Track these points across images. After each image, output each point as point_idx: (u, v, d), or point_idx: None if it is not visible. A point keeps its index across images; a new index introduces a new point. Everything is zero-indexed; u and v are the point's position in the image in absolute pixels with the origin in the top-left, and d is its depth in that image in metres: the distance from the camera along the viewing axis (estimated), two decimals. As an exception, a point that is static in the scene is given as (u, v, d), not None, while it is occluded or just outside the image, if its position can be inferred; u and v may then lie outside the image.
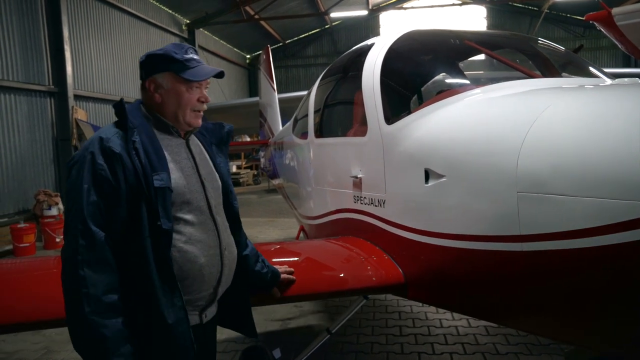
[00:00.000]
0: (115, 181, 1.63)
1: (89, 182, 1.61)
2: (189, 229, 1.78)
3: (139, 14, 14.67)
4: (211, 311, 1.93)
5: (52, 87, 10.79)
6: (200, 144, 2.01)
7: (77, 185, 1.61)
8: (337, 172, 3.42)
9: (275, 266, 2.35)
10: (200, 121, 1.90)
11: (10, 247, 8.64)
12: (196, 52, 1.89)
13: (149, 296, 1.65)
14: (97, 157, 1.63)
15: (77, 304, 1.54)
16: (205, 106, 1.90)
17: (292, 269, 2.47)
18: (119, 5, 13.64)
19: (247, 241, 2.21)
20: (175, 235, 1.72)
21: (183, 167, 1.83)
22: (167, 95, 1.82)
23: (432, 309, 4.88)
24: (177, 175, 1.77)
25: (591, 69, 3.16)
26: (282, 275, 2.37)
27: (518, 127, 1.92)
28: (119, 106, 1.75)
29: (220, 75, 1.91)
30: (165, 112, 1.84)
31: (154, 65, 1.82)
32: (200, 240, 1.80)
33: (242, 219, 2.15)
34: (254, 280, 2.22)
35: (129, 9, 14.12)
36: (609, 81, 2.84)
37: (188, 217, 1.78)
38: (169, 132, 1.86)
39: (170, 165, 1.76)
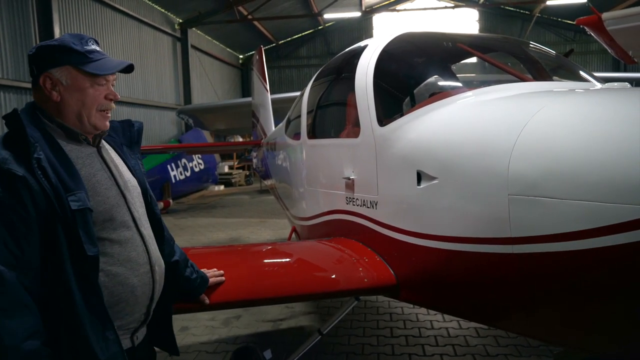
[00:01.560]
0: (21, 209, 1.40)
1: None
2: (115, 248, 1.60)
3: (131, 13, 14.57)
4: (142, 332, 1.78)
5: (43, 85, 10.69)
6: (110, 149, 1.80)
7: None
8: (330, 173, 3.43)
9: (203, 270, 2.22)
10: (108, 123, 1.67)
11: None
12: (98, 43, 1.67)
13: (77, 333, 1.46)
14: None
15: None
16: (113, 105, 1.67)
17: (222, 272, 2.35)
18: (111, 3, 13.54)
19: (176, 246, 2.04)
20: (101, 258, 1.53)
21: (100, 180, 1.62)
22: (67, 93, 1.57)
23: (423, 310, 4.90)
24: (94, 192, 1.57)
25: (581, 73, 3.19)
26: (211, 280, 2.24)
27: (510, 130, 1.94)
28: (14, 118, 1.48)
29: (129, 69, 1.68)
30: (66, 114, 1.59)
31: (48, 58, 1.56)
32: (129, 259, 1.63)
33: (234, 220, 2.11)
34: (184, 287, 2.07)
35: (121, 7, 14.02)
36: (599, 85, 2.87)
37: (113, 235, 1.60)
38: (77, 140, 1.62)
39: (86, 182, 1.55)
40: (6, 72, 9.72)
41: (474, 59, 3.47)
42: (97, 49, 1.63)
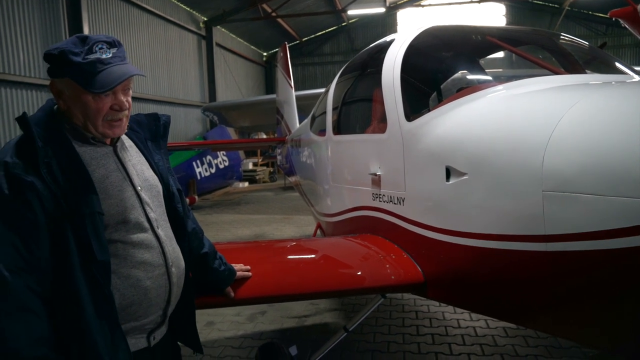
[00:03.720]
0: (30, 213, 1.38)
1: None
2: (129, 250, 1.57)
3: (157, 12, 14.77)
4: (160, 332, 1.75)
5: (73, 83, 10.93)
6: (132, 145, 1.76)
7: None
8: (356, 169, 3.40)
9: (232, 264, 2.22)
10: (119, 130, 1.60)
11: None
12: (109, 45, 1.54)
13: (85, 340, 1.42)
14: (2, 187, 1.36)
15: None
16: (123, 113, 1.58)
17: (248, 267, 2.34)
18: (138, 2, 13.76)
19: (205, 238, 2.03)
20: (113, 260, 1.51)
21: (113, 182, 1.58)
22: (71, 102, 1.53)
23: (450, 308, 4.83)
24: (107, 194, 1.54)
25: (618, 65, 3.08)
26: (239, 273, 2.24)
27: (544, 124, 1.88)
28: (23, 123, 1.46)
29: (124, 78, 1.54)
30: (75, 122, 1.55)
31: (51, 67, 1.52)
32: (142, 261, 1.59)
33: (258, 216, 2.10)
34: (212, 278, 2.08)
35: (147, 7, 14.23)
36: (637, 77, 2.76)
37: (126, 237, 1.57)
38: (91, 142, 1.59)
39: (99, 184, 1.52)
40: (38, 72, 9.97)
41: (503, 53, 3.39)
42: (103, 56, 1.50)
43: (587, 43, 3.53)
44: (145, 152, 1.80)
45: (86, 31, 11.00)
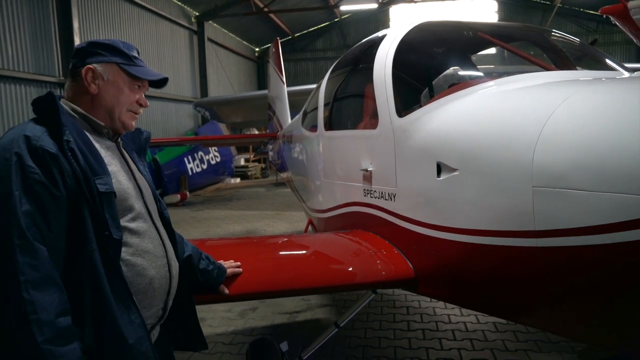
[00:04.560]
0: (53, 187, 1.39)
1: (19, 189, 1.35)
2: (134, 239, 1.61)
3: (148, 6, 14.64)
4: (157, 330, 1.77)
5: (62, 78, 10.79)
6: (124, 150, 1.83)
7: (4, 194, 1.35)
8: (347, 165, 3.39)
9: (220, 262, 2.22)
10: (134, 124, 1.75)
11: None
12: (139, 54, 1.78)
13: (103, 315, 1.45)
14: (25, 159, 1.37)
15: (26, 333, 1.28)
16: (142, 109, 1.76)
17: (238, 263, 2.34)
18: (129, -3, 13.65)
19: (185, 241, 2.06)
20: (122, 247, 1.55)
21: (120, 170, 1.66)
22: (105, 87, 1.63)
23: (441, 304, 4.85)
24: (116, 180, 1.59)
25: (608, 61, 3.09)
26: (229, 270, 2.25)
27: (534, 120, 1.88)
28: (49, 100, 1.50)
29: (163, 82, 1.78)
30: (99, 108, 1.64)
31: (97, 53, 1.64)
32: (147, 250, 1.63)
33: (249, 212, 2.11)
34: (202, 279, 2.08)
35: (138, 1, 14.10)
36: (627, 74, 2.77)
37: (132, 225, 1.61)
38: (99, 133, 1.67)
39: (109, 168, 1.59)
40: (26, 66, 9.85)
41: (494, 49, 3.39)
42: (140, 58, 1.74)
43: (577, 40, 3.54)
44: (133, 160, 1.86)
45: (76, 26, 10.91)
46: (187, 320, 1.94)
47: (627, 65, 3.29)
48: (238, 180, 17.79)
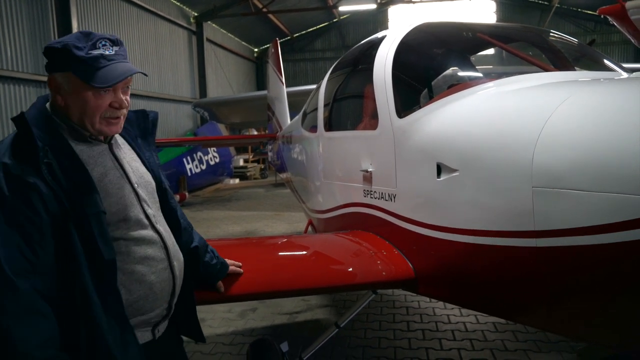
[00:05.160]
0: (33, 214, 1.36)
1: (0, 221, 1.33)
2: (131, 247, 1.58)
3: (147, 6, 14.63)
4: (164, 325, 1.78)
5: (61, 79, 10.81)
6: (125, 142, 1.76)
7: None
8: (347, 165, 3.40)
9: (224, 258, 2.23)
10: (116, 128, 1.60)
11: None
12: (112, 43, 1.54)
13: (95, 337, 1.44)
14: (4, 189, 1.34)
15: None
16: (122, 111, 1.58)
17: (239, 263, 2.34)
18: (128, -3, 13.65)
19: (194, 232, 2.03)
20: (117, 257, 1.51)
21: (112, 180, 1.58)
22: (69, 98, 1.51)
23: (440, 304, 4.86)
24: (107, 193, 1.54)
25: (606, 62, 3.10)
26: (231, 268, 2.25)
27: (533, 120, 1.89)
28: (21, 122, 1.43)
29: (128, 74, 1.54)
30: (72, 118, 1.54)
31: (52, 61, 1.51)
32: (145, 256, 1.62)
33: (249, 213, 2.10)
34: (204, 272, 2.08)
35: (137, 1, 14.09)
36: (625, 74, 2.79)
37: (128, 234, 1.58)
38: (86, 140, 1.58)
39: (98, 182, 1.52)
40: (25, 66, 9.85)
41: (493, 49, 3.40)
42: (106, 52, 1.51)
43: (576, 40, 3.56)
44: (137, 149, 1.79)
45: (75, 26, 10.88)
46: (186, 312, 1.93)
47: (625, 65, 3.30)
48: (237, 180, 17.78)
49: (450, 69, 3.03)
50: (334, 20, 24.94)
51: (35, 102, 1.61)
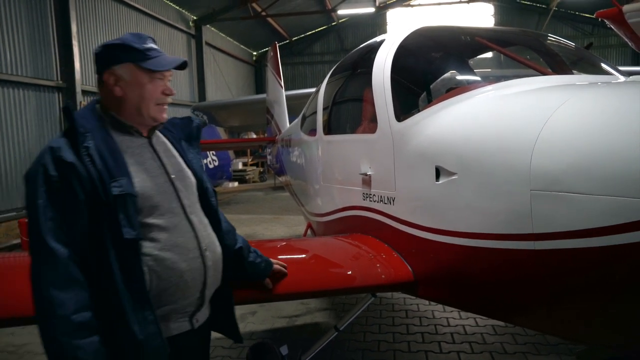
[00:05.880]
0: (71, 193, 1.53)
1: (44, 197, 1.51)
2: (162, 234, 1.67)
3: (146, 10, 14.68)
4: (203, 314, 1.85)
5: (60, 82, 10.82)
6: (166, 141, 1.89)
7: (33, 201, 1.52)
8: (346, 169, 3.41)
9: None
10: (165, 115, 1.80)
11: (18, 241, 8.71)
12: (155, 42, 1.80)
13: (116, 312, 1.56)
14: (49, 169, 1.53)
15: (48, 326, 1.46)
16: (169, 99, 1.80)
17: (285, 265, 2.41)
18: (127, 1, 13.66)
19: (237, 235, 2.13)
20: (148, 244, 1.63)
21: (148, 168, 1.72)
22: (128, 87, 1.70)
23: (439, 307, 4.86)
24: (141, 178, 1.66)
25: (604, 65, 3.12)
26: (275, 265, 2.32)
27: (531, 124, 1.90)
28: (65, 113, 1.67)
29: (183, 65, 1.80)
30: (127, 107, 1.72)
31: (112, 56, 1.71)
32: (177, 244, 1.69)
33: (248, 216, 2.13)
34: (250, 271, 2.18)
35: (136, 5, 14.14)
36: (622, 78, 2.80)
37: (160, 221, 1.68)
38: (129, 132, 1.75)
39: (133, 169, 1.65)
40: (25, 70, 9.86)
41: (492, 53, 3.42)
42: (154, 47, 1.75)
43: (573, 44, 3.58)
44: (179, 149, 1.92)
45: (74, 30, 10.93)
46: (223, 310, 2.01)
47: (622, 68, 3.32)
48: (236, 184, 17.79)
49: (449, 72, 3.04)
50: (333, 23, 25.02)
51: (91, 101, 1.80)
